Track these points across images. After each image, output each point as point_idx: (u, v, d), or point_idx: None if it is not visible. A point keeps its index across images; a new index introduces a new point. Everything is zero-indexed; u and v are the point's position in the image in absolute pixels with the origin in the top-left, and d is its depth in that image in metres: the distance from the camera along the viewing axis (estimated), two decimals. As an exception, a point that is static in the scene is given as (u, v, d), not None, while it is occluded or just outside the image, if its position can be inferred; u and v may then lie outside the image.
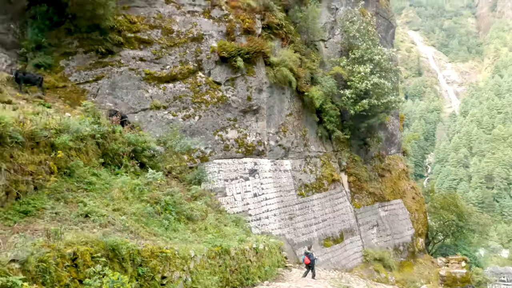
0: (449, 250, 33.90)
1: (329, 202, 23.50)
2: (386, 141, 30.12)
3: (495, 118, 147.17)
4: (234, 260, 9.96)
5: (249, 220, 18.32)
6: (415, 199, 31.38)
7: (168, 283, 6.46)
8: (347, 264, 22.99)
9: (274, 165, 20.56)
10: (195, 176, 14.66)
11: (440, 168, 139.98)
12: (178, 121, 17.11)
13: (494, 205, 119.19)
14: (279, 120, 21.01)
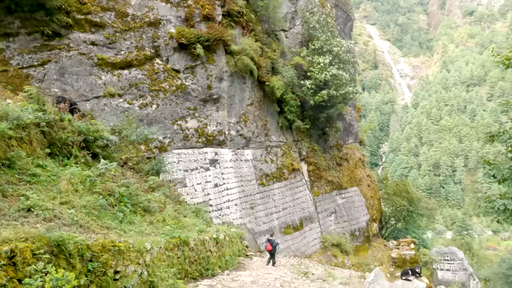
0: (400, 233, 36.08)
1: (289, 191, 23.92)
2: (344, 131, 31.11)
3: (442, 110, 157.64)
4: (194, 251, 9.79)
5: (210, 211, 18.16)
6: (370, 186, 32.89)
7: (122, 278, 6.17)
8: (307, 251, 23.66)
9: (235, 155, 20.46)
10: (153, 167, 14.17)
11: (394, 157, 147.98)
12: (135, 109, 16.38)
13: (440, 191, 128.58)
14: (240, 109, 20.86)
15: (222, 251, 12.37)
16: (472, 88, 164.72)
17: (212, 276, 10.45)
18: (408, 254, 10.45)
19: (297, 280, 10.94)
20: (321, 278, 12.95)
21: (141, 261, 6.97)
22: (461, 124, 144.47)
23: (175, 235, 9.09)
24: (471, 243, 51.58)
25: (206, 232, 11.72)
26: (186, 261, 9.25)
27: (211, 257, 10.95)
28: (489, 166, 8.79)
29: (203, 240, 10.59)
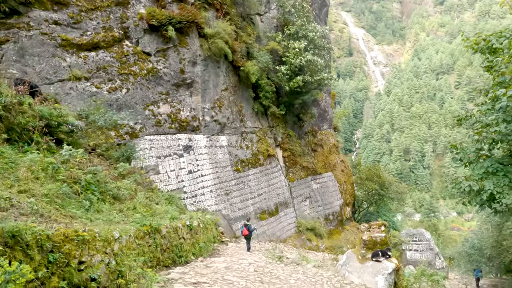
0: (372, 217, 37.32)
1: (264, 177, 23.97)
2: (318, 117, 31.36)
3: (413, 97, 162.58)
4: (166, 239, 9.56)
5: (184, 198, 17.90)
6: (344, 171, 33.56)
7: (87, 268, 5.89)
8: (282, 235, 23.96)
9: (210, 141, 20.16)
10: (123, 153, 13.66)
11: (367, 143, 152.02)
12: (103, 94, 15.66)
13: (410, 176, 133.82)
14: (214, 95, 20.46)
15: (196, 238, 12.21)
16: (441, 76, 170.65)
17: (185, 263, 10.29)
18: (379, 236, 10.69)
19: (271, 265, 11.00)
20: (295, 261, 13.11)
21: (108, 250, 6.69)
22: (431, 111, 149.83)
23: (146, 222, 8.81)
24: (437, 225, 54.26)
25: (179, 219, 11.50)
26: (158, 249, 9.03)
27: (185, 244, 10.77)
28: (456, 150, 9.10)
29: (175, 227, 10.37)
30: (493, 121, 7.98)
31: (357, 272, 9.57)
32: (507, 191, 7.76)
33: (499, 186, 7.98)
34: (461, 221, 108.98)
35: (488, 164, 8.38)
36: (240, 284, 7.52)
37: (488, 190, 7.96)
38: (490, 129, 8.09)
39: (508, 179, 8.03)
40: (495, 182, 8.03)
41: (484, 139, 8.31)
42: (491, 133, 8.02)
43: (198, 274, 8.02)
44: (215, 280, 7.57)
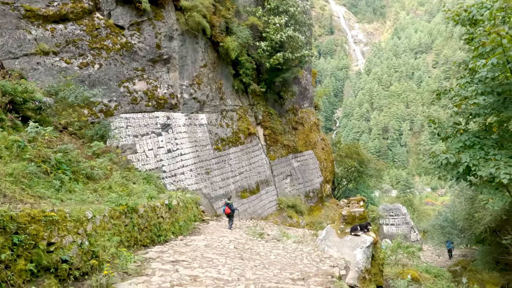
0: (351, 193, 38.19)
1: (245, 155, 23.84)
2: (299, 95, 31.20)
3: (393, 76, 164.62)
4: (143, 218, 9.33)
5: (163, 177, 17.58)
6: (324, 149, 33.88)
7: (57, 250, 5.61)
8: (263, 213, 24.16)
9: (189, 119, 19.70)
10: (97, 132, 13.12)
11: (347, 122, 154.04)
12: (74, 69, 14.82)
13: (388, 153, 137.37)
14: (192, 71, 19.83)
15: (175, 217, 12.03)
16: (419, 55, 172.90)
17: (165, 242, 10.13)
18: (358, 211, 10.81)
19: (252, 242, 11.01)
20: (276, 238, 13.20)
21: (81, 231, 6.41)
22: (409, 90, 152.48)
23: (122, 202, 8.52)
24: (412, 200, 56.25)
25: (157, 199, 11.25)
26: (136, 228, 8.79)
27: (163, 224, 10.57)
28: (434, 125, 9.19)
29: (153, 206, 10.12)
30: (473, 92, 8.04)
31: (336, 246, 9.70)
32: (483, 164, 7.93)
33: (475, 158, 8.14)
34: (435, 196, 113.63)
35: (465, 137, 8.51)
36: (219, 261, 7.44)
37: (465, 163, 8.12)
38: (469, 101, 8.16)
39: (483, 152, 8.21)
40: (471, 155, 8.19)
41: (463, 111, 8.38)
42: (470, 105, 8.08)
43: (177, 253, 7.88)
44: (194, 258, 7.45)
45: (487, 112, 8.14)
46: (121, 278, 5.53)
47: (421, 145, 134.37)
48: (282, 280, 6.23)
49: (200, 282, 5.60)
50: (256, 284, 5.71)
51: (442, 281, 14.32)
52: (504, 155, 7.76)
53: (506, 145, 8.10)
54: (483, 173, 7.61)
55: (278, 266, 7.66)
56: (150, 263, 6.58)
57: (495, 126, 8.53)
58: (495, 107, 7.96)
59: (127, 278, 5.56)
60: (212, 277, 5.91)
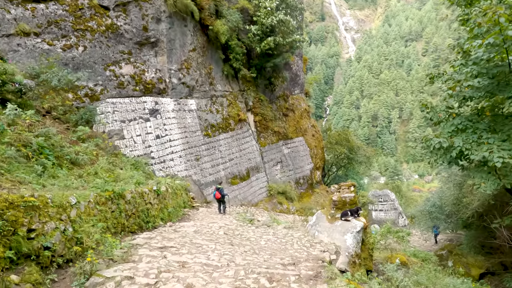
0: (341, 180, 38.48)
1: (236, 142, 23.62)
2: (290, 82, 30.90)
3: (383, 64, 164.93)
4: (131, 204, 9.11)
5: (152, 163, 17.29)
6: (314, 136, 33.87)
7: (39, 236, 5.39)
8: (253, 199, 24.14)
9: (178, 105, 19.30)
10: (82, 116, 12.70)
11: (337, 109, 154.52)
12: (57, 51, 14.25)
13: (377, 141, 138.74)
14: (181, 55, 19.33)
15: (164, 203, 11.84)
16: (410, 43, 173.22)
17: (153, 228, 9.96)
18: (348, 196, 10.77)
19: (242, 227, 10.91)
20: (266, 224, 13.15)
21: (64, 217, 6.18)
22: (398, 78, 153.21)
23: (108, 188, 8.28)
24: (400, 186, 57.09)
25: (145, 184, 11.02)
26: (123, 214, 8.59)
27: (152, 210, 10.38)
28: (426, 109, 9.09)
29: (141, 192, 9.90)
30: (467, 74, 7.93)
31: (327, 231, 9.67)
32: (475, 148, 7.88)
33: (468, 142, 8.08)
34: (422, 183, 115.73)
35: (458, 121, 8.43)
36: (209, 247, 7.31)
37: (458, 147, 8.06)
38: (463, 84, 8.06)
39: (476, 136, 8.16)
40: (464, 139, 8.13)
41: (457, 94, 8.29)
42: (464, 88, 7.98)
43: (165, 239, 7.71)
44: (183, 244, 7.30)
45: (480, 95, 8.05)
46: (106, 265, 5.35)
47: (410, 133, 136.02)
48: (272, 265, 6.14)
49: (188, 268, 5.45)
50: (246, 269, 5.59)
51: (429, 265, 14.56)
52: (497, 139, 7.71)
53: (499, 129, 8.06)
54: (476, 157, 7.56)
55: (268, 252, 7.57)
56: (138, 250, 6.40)
57: (487, 110, 8.46)
58: (489, 89, 7.88)
59: (113, 265, 5.37)
60: (201, 263, 5.77)
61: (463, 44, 8.35)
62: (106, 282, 4.54)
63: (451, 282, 11.18)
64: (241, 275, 5.31)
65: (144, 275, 4.96)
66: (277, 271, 5.61)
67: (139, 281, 4.64)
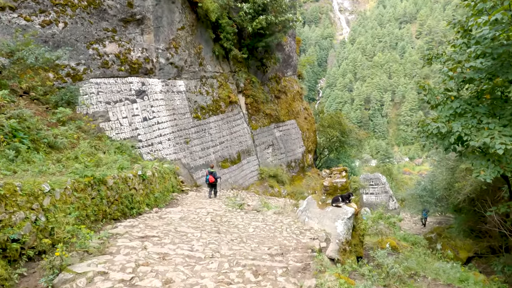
0: (332, 163, 38.44)
1: (226, 124, 23.13)
2: (283, 63, 30.20)
3: (376, 46, 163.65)
4: (113, 190, 8.70)
5: (139, 146, 16.79)
6: (307, 119, 33.48)
7: (5, 228, 4.96)
8: (244, 183, 23.89)
9: (166, 86, 18.64)
10: (62, 97, 12.08)
11: (330, 92, 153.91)
12: (35, 28, 13.42)
13: (369, 124, 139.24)
14: (169, 34, 18.52)
15: (150, 188, 11.45)
16: (404, 25, 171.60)
17: (138, 215, 9.60)
18: (340, 182, 10.49)
19: (231, 213, 10.62)
20: (256, 209, 12.90)
21: (35, 205, 5.74)
22: (392, 60, 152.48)
23: (87, 173, 7.82)
24: (391, 169, 57.55)
25: (130, 169, 10.59)
26: (104, 201, 8.18)
27: (136, 195, 9.99)
28: (424, 91, 8.67)
29: (125, 177, 9.47)
30: (470, 54, 7.47)
31: (317, 217, 9.42)
32: (475, 133, 7.53)
33: (467, 127, 7.70)
34: (412, 165, 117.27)
35: (456, 105, 8.04)
36: (194, 235, 6.98)
37: (456, 132, 7.70)
38: (465, 65, 7.61)
39: (476, 120, 7.80)
40: (463, 124, 7.77)
41: (458, 76, 7.84)
42: (466, 69, 7.55)
43: (148, 227, 7.36)
44: (167, 232, 6.95)
45: (482, 76, 7.64)
46: (80, 258, 4.97)
47: (402, 116, 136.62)
48: (259, 255, 5.84)
49: (169, 261, 5.12)
50: (230, 261, 5.28)
51: (419, 249, 14.58)
52: (498, 123, 7.35)
53: (499, 113, 7.70)
54: (477, 143, 7.22)
55: (256, 240, 7.28)
56: (117, 240, 6.04)
57: (487, 93, 8.06)
58: (492, 71, 7.47)
59: (88, 258, 5.00)
60: (183, 255, 5.43)
61: (466, 21, 7.84)
62: (76, 279, 4.18)
63: (440, 267, 11.15)
64: (225, 268, 5.00)
65: (120, 269, 4.61)
66: (264, 263, 5.31)
67: (114, 277, 4.29)
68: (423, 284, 9.25)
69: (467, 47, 7.73)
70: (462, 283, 10.01)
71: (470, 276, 10.64)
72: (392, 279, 8.25)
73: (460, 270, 11.38)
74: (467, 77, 7.51)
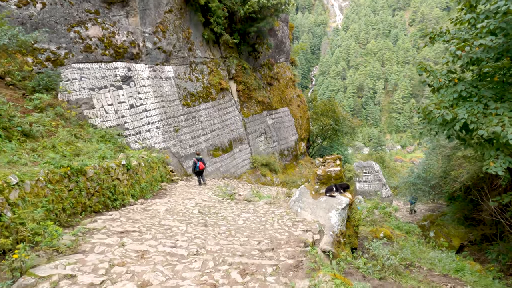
0: (325, 151, 38.14)
1: (217, 112, 22.51)
2: (275, 49, 29.47)
3: (370, 33, 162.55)
4: (94, 181, 8.15)
5: (126, 135, 16.15)
6: (300, 106, 32.96)
7: (-38, 225, 4.42)
8: (236, 172, 23.44)
9: (154, 72, 17.90)
10: (39, 82, 11.35)
11: (323, 80, 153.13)
12: (10, 8, 12.58)
13: (362, 112, 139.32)
14: (156, 17, 17.69)
15: (136, 179, 10.92)
16: (397, 12, 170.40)
17: (122, 206, 9.10)
18: (334, 170, 10.07)
19: (221, 204, 10.17)
20: (247, 199, 12.49)
21: (0, 199, 5.19)
22: (385, 48, 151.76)
23: (63, 163, 7.25)
24: (384, 157, 57.55)
25: (113, 158, 10.02)
26: (83, 193, 7.64)
27: (120, 186, 9.45)
28: (425, 73, 8.12)
29: (107, 167, 8.92)
30: (482, 30, 6.87)
31: (310, 208, 9.02)
32: (482, 120, 6.99)
33: (473, 114, 7.18)
34: (404, 153, 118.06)
35: (461, 87, 7.48)
36: (179, 229, 6.51)
37: (462, 120, 7.17)
38: (474, 42, 7.03)
39: (482, 106, 7.27)
40: (468, 110, 7.23)
41: (466, 55, 7.24)
42: (475, 48, 6.97)
43: (130, 220, 6.86)
44: (150, 226, 6.47)
45: (490, 56, 7.10)
46: (48, 258, 4.47)
47: (394, 104, 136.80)
48: (248, 251, 5.40)
49: (148, 260, 4.64)
50: (216, 259, 4.83)
51: (413, 237, 14.38)
52: (507, 109, 6.84)
53: (507, 96, 7.17)
54: (485, 132, 6.68)
55: (245, 233, 6.85)
56: (93, 236, 5.54)
57: (491, 75, 7.48)
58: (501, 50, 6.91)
59: (56, 258, 4.50)
60: (164, 252, 4.96)
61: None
62: (39, 284, 3.68)
63: (436, 257, 10.92)
64: (209, 267, 4.55)
65: (91, 271, 4.13)
66: (252, 260, 4.86)
67: (82, 281, 3.80)
68: (419, 275, 8.98)
69: (475, 21, 7.12)
70: (458, 273, 9.79)
71: (466, 266, 10.43)
72: (387, 271, 7.94)
73: (455, 259, 11.17)
74: (474, 57, 6.96)
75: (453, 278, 9.12)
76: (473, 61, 7.10)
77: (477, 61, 7.21)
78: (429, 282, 8.45)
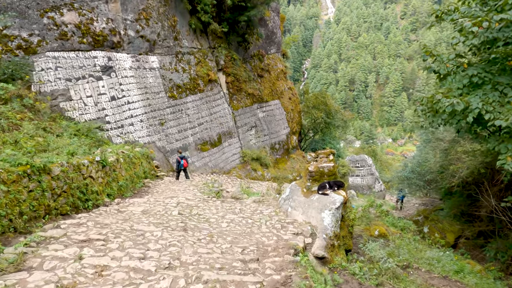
0: (317, 144, 37.53)
1: (205, 104, 21.63)
2: (266, 39, 28.57)
3: (361, 26, 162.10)
4: (61, 180, 7.29)
5: (108, 129, 15.25)
6: (291, 99, 32.20)
7: None
8: (225, 166, 22.68)
9: (137, 62, 16.93)
10: (4, 71, 10.36)
11: (315, 73, 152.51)
12: (-26, -10, 11.52)
13: (353, 105, 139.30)
14: (138, 3, 16.67)
15: (113, 176, 10.06)
16: (389, 5, 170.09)
17: (95, 207, 8.26)
18: (327, 166, 9.34)
19: (205, 203, 9.39)
20: (235, 196, 11.75)
21: None
22: (376, 41, 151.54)
23: (21, 161, 6.38)
24: (376, 150, 57.38)
25: (86, 154, 9.15)
26: (47, 194, 6.78)
27: (94, 185, 8.59)
28: (431, 57, 7.32)
29: (77, 164, 8.04)
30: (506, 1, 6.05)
31: (302, 207, 8.31)
32: (499, 109, 6.25)
33: (487, 103, 6.40)
34: (395, 146, 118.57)
35: (473, 71, 6.64)
36: (153, 235, 5.73)
37: (476, 109, 6.39)
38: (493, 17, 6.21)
39: (498, 93, 6.49)
40: (482, 98, 6.46)
41: (483, 33, 6.41)
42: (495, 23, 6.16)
43: (98, 225, 6.05)
44: (119, 232, 5.68)
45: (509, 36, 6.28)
46: (-19, 278, 3.65)
47: (385, 97, 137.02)
48: (229, 263, 4.66)
49: (106, 278, 3.86)
50: (189, 275, 4.07)
51: (408, 234, 13.84)
52: (527, 97, 6.11)
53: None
54: (505, 122, 5.98)
55: (229, 238, 6.10)
56: (47, 246, 4.73)
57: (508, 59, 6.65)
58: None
59: (-8, 278, 3.69)
60: (128, 267, 4.19)
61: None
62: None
63: (433, 256, 10.35)
64: (180, 287, 3.79)
65: (31, 296, 3.34)
66: (232, 276, 4.12)
67: (14, 312, 3.02)
68: (418, 277, 8.38)
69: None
70: (458, 274, 9.22)
71: (466, 266, 9.88)
72: (385, 275, 7.30)
73: (453, 258, 10.63)
74: (489, 36, 6.15)
75: (453, 281, 8.55)
76: (489, 40, 6.31)
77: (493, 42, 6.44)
78: (428, 286, 7.85)
